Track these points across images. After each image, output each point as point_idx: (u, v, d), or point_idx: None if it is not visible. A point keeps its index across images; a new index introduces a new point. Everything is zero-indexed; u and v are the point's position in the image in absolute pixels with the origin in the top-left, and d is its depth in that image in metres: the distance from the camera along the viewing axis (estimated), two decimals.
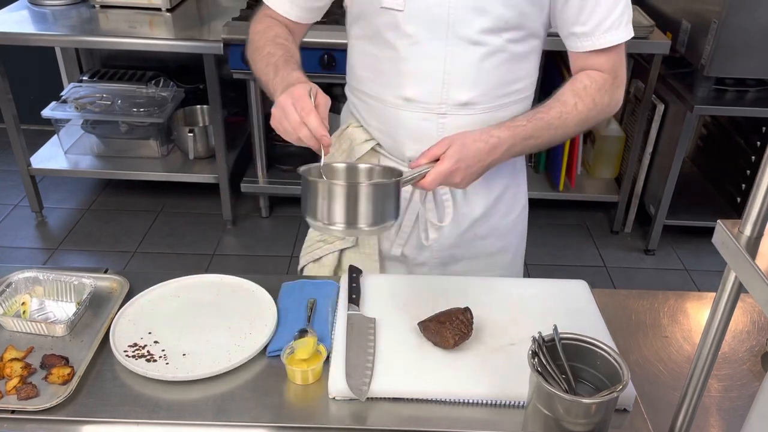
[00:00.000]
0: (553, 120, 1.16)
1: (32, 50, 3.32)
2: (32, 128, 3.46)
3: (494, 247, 1.38)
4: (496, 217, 1.35)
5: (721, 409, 1.08)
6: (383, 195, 1.00)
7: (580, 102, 1.17)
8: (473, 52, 1.14)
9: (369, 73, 1.23)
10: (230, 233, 3.13)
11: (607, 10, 1.13)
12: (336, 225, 0.99)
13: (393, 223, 1.04)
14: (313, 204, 0.99)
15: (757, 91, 2.72)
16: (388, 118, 1.23)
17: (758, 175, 0.75)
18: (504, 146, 1.12)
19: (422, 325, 1.14)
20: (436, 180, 1.08)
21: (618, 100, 1.21)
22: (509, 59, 1.16)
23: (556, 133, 1.17)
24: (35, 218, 3.15)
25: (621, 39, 1.16)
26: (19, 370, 1.06)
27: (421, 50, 1.15)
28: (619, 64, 1.19)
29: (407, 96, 1.19)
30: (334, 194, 0.98)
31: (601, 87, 1.18)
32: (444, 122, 1.19)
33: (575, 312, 1.20)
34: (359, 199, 0.98)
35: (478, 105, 1.19)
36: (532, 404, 0.93)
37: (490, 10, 1.10)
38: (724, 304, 0.84)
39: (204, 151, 3.14)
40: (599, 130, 3.15)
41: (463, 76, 1.16)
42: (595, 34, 1.15)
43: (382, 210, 1.00)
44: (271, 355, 1.12)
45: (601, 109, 1.20)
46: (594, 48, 1.16)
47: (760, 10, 2.42)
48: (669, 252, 3.08)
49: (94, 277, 1.26)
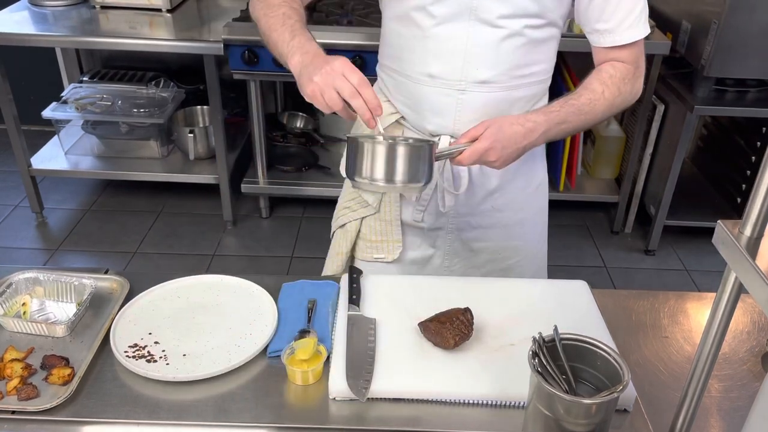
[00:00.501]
0: (584, 106, 1.23)
1: (33, 51, 3.32)
2: (33, 129, 3.47)
3: (511, 220, 1.44)
4: (512, 191, 1.40)
5: (722, 410, 1.08)
6: (417, 156, 1.10)
7: (607, 90, 1.24)
8: (493, 34, 1.20)
9: (397, 51, 1.30)
10: (230, 234, 3.13)
11: (629, 10, 1.21)
12: (377, 181, 1.10)
13: (425, 184, 1.12)
14: (359, 163, 1.10)
15: (757, 91, 2.72)
16: (413, 93, 1.30)
17: (758, 176, 0.75)
18: (540, 130, 1.19)
19: (422, 325, 1.14)
20: (473, 156, 1.14)
21: (639, 88, 1.30)
22: (527, 43, 1.22)
23: (586, 118, 1.24)
24: (35, 219, 3.16)
25: (641, 35, 1.24)
26: (20, 370, 1.06)
27: (444, 31, 1.21)
28: (639, 56, 1.27)
29: (431, 72, 1.26)
30: (376, 152, 1.09)
31: (625, 76, 1.26)
32: (463, 98, 1.26)
33: (575, 312, 1.20)
34: (397, 157, 1.09)
35: (495, 83, 1.25)
36: (533, 405, 0.93)
37: (513, 1, 1.17)
38: (724, 304, 0.84)
39: (204, 151, 3.14)
40: (599, 131, 3.15)
41: (482, 55, 1.22)
42: (617, 31, 1.23)
43: (416, 170, 1.10)
44: (271, 355, 1.12)
45: (625, 97, 1.28)
46: (616, 44, 1.24)
47: (760, 10, 2.42)
48: (669, 252, 3.08)
49: (94, 278, 1.26)
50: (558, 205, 3.22)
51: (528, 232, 1.49)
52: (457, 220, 1.41)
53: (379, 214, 1.43)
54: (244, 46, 2.61)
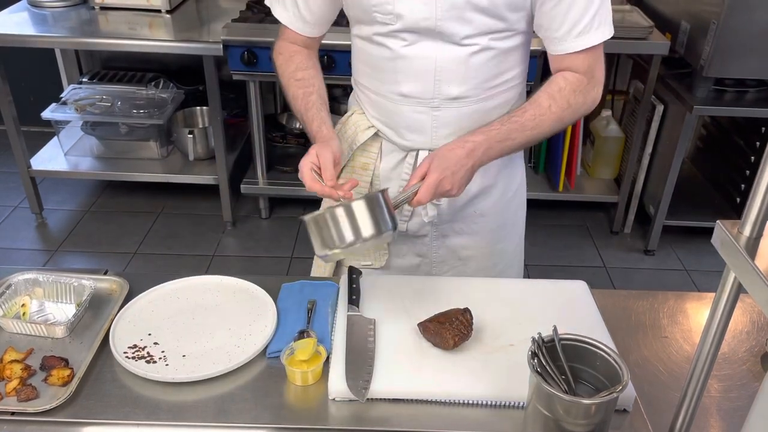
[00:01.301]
0: (528, 122, 1.21)
1: (32, 52, 3.32)
2: (32, 130, 3.46)
3: (494, 224, 1.44)
4: (494, 195, 1.40)
5: (721, 410, 1.08)
6: (374, 206, 1.10)
7: (554, 104, 1.22)
8: (461, 51, 1.21)
9: (369, 69, 1.30)
10: (230, 234, 3.13)
11: (578, 16, 1.17)
12: (347, 243, 1.08)
13: (393, 231, 1.11)
14: (325, 235, 1.09)
15: (756, 91, 2.72)
16: (387, 110, 1.31)
17: (757, 176, 0.75)
18: (480, 149, 1.18)
19: (422, 325, 1.14)
20: (427, 192, 1.14)
21: (594, 98, 1.26)
22: (496, 55, 1.22)
23: (532, 134, 1.22)
24: (35, 220, 3.15)
25: (593, 42, 1.20)
26: (19, 371, 1.06)
27: (413, 51, 1.22)
28: (595, 65, 1.23)
29: (402, 92, 1.26)
30: (336, 217, 1.08)
31: (576, 88, 1.23)
32: (437, 114, 1.27)
33: (575, 312, 1.20)
34: (356, 213, 1.08)
35: (469, 98, 1.25)
36: (532, 405, 0.93)
37: (472, 19, 1.17)
38: (723, 304, 0.84)
39: (204, 152, 3.14)
40: (599, 131, 3.15)
41: (453, 72, 1.23)
42: (568, 39, 1.20)
43: (379, 219, 1.09)
44: (271, 356, 1.12)
45: (577, 109, 1.24)
46: (567, 51, 1.21)
47: (759, 10, 2.42)
48: (668, 252, 3.08)
49: (93, 279, 1.26)
50: (557, 206, 3.23)
51: (510, 234, 1.50)
52: (440, 227, 1.41)
53: None
54: (243, 46, 2.62)
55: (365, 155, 1.38)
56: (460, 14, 1.16)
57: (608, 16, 1.21)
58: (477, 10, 1.15)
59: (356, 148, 1.37)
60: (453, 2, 1.15)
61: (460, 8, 1.15)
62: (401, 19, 1.18)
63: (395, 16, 1.18)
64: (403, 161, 1.34)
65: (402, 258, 1.46)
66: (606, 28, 1.21)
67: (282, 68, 1.34)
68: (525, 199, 1.52)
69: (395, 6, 1.17)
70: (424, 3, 1.16)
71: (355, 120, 1.38)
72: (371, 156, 1.37)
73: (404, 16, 1.18)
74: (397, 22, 1.19)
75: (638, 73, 3.10)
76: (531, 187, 3.09)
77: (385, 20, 1.20)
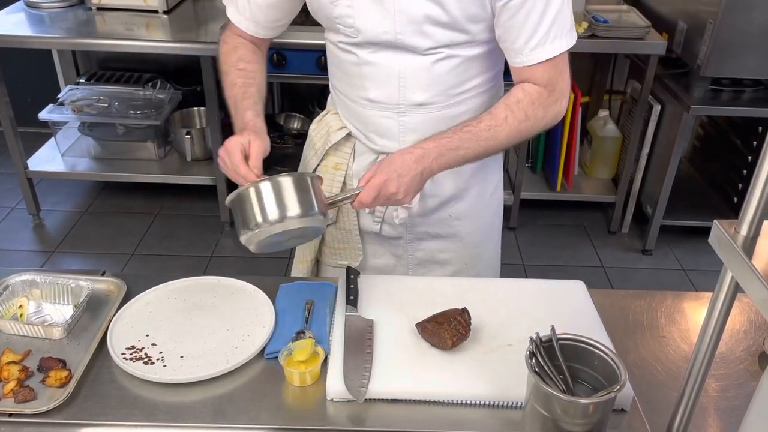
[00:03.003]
0: (482, 132, 1.19)
1: (29, 52, 3.32)
2: (29, 131, 3.45)
3: (472, 227, 1.43)
4: (469, 199, 1.40)
5: (719, 409, 1.09)
6: (302, 187, 1.08)
7: (511, 116, 1.19)
8: (424, 60, 1.20)
9: (339, 73, 1.31)
10: (228, 235, 3.12)
11: (533, 29, 1.14)
12: (270, 222, 1.05)
13: (321, 220, 1.10)
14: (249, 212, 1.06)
15: (753, 91, 2.72)
16: (357, 114, 1.32)
17: (754, 175, 0.75)
18: (431, 156, 1.16)
19: (420, 326, 1.14)
20: (370, 191, 1.13)
21: (557, 111, 1.23)
22: (461, 62, 1.21)
23: (486, 144, 1.20)
24: (32, 221, 3.15)
25: (548, 55, 1.17)
26: (17, 373, 1.06)
27: (377, 59, 1.22)
28: (556, 77, 1.20)
29: (369, 97, 1.27)
30: (261, 192, 1.05)
31: (535, 100, 1.20)
32: (404, 120, 1.27)
33: (573, 312, 1.20)
34: (283, 189, 1.06)
35: (434, 104, 1.25)
36: (530, 405, 0.93)
37: (432, 33, 1.16)
38: (720, 303, 0.84)
39: (201, 153, 3.14)
40: (596, 131, 3.15)
41: (417, 79, 1.22)
42: (524, 51, 1.17)
43: (308, 201, 1.08)
44: (269, 357, 1.12)
45: (535, 123, 1.21)
46: (524, 64, 1.19)
47: (756, 10, 2.42)
48: (666, 252, 3.09)
49: (91, 280, 1.26)
50: (555, 206, 3.23)
51: (487, 238, 1.49)
52: (414, 230, 1.41)
53: (338, 224, 1.43)
54: None
55: (338, 155, 1.38)
56: (419, 29, 1.15)
57: (565, 27, 1.17)
58: (436, 24, 1.14)
59: (329, 147, 1.38)
60: (411, 17, 1.14)
61: (419, 23, 1.14)
62: (362, 33, 1.19)
63: (356, 29, 1.18)
64: (376, 162, 1.32)
65: (378, 258, 1.46)
66: (563, 40, 1.17)
67: (225, 56, 1.31)
68: (502, 203, 1.52)
69: (355, 20, 1.17)
70: (383, 17, 1.15)
71: (329, 120, 1.40)
72: (344, 156, 1.38)
73: (364, 30, 1.18)
74: (359, 35, 1.19)
75: (635, 73, 3.11)
76: (528, 186, 3.15)
77: (347, 32, 1.20)
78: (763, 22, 2.44)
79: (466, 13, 1.14)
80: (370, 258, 1.46)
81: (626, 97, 3.19)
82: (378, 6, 1.15)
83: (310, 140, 1.46)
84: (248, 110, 1.22)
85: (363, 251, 1.45)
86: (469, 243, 1.44)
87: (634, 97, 3.01)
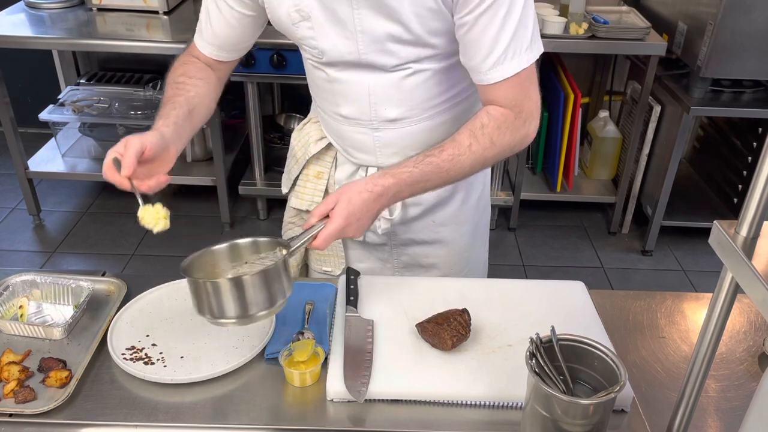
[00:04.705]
0: (444, 163, 1.13)
1: (29, 53, 3.32)
2: (30, 131, 3.46)
3: (456, 233, 1.42)
4: (453, 205, 1.38)
5: (719, 410, 1.09)
6: (271, 278, 1.00)
7: (476, 143, 1.13)
8: (392, 77, 1.18)
9: (315, 88, 1.31)
10: (228, 236, 3.12)
11: (490, 46, 1.08)
12: (229, 318, 0.99)
13: (285, 301, 1.04)
14: (202, 302, 1.00)
15: (753, 92, 2.72)
16: (333, 128, 1.31)
17: (755, 176, 0.75)
18: (389, 193, 1.12)
19: (420, 326, 1.14)
20: (328, 239, 1.09)
21: (525, 135, 1.16)
22: (433, 74, 1.18)
23: (448, 175, 1.15)
24: (33, 221, 3.15)
25: (507, 74, 1.10)
26: (17, 373, 1.06)
27: (346, 76, 1.20)
28: (521, 98, 1.13)
29: (342, 113, 1.26)
30: (220, 291, 0.98)
31: (501, 125, 1.13)
32: (378, 135, 1.26)
33: (573, 313, 1.20)
34: (246, 289, 0.97)
35: (408, 119, 1.23)
36: (530, 405, 0.93)
37: (397, 51, 1.14)
38: (720, 304, 0.84)
39: (202, 153, 3.14)
40: (596, 132, 3.15)
41: (386, 97, 1.20)
42: (482, 69, 1.11)
43: (274, 292, 1.00)
44: (269, 357, 1.12)
45: (502, 149, 1.15)
46: (483, 83, 1.13)
47: (756, 11, 2.42)
48: (666, 253, 3.09)
49: (91, 280, 1.26)
50: (555, 206, 3.24)
51: (474, 241, 1.47)
52: (398, 237, 1.40)
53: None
54: None
55: (320, 164, 1.38)
56: (382, 47, 1.13)
57: (525, 43, 1.09)
58: (399, 41, 1.12)
59: (310, 156, 1.37)
60: (373, 37, 1.11)
61: (381, 41, 1.12)
62: (326, 54, 1.17)
63: (320, 50, 1.17)
64: (356, 173, 1.34)
65: (362, 263, 1.44)
66: (523, 56, 1.09)
67: (170, 72, 1.29)
68: (489, 206, 1.50)
69: (318, 41, 1.16)
70: (345, 38, 1.13)
71: (308, 130, 1.40)
72: (326, 165, 1.38)
73: (328, 51, 1.16)
74: (324, 56, 1.18)
75: (635, 73, 3.11)
76: (528, 187, 3.15)
77: (312, 53, 1.20)
78: (763, 23, 2.44)
79: (427, 29, 1.10)
80: (355, 262, 1.44)
81: (626, 98, 3.19)
82: (339, 27, 1.13)
83: (291, 149, 1.45)
84: (160, 119, 1.17)
85: (347, 256, 1.44)
86: (456, 248, 1.43)
87: (634, 97, 3.01)
